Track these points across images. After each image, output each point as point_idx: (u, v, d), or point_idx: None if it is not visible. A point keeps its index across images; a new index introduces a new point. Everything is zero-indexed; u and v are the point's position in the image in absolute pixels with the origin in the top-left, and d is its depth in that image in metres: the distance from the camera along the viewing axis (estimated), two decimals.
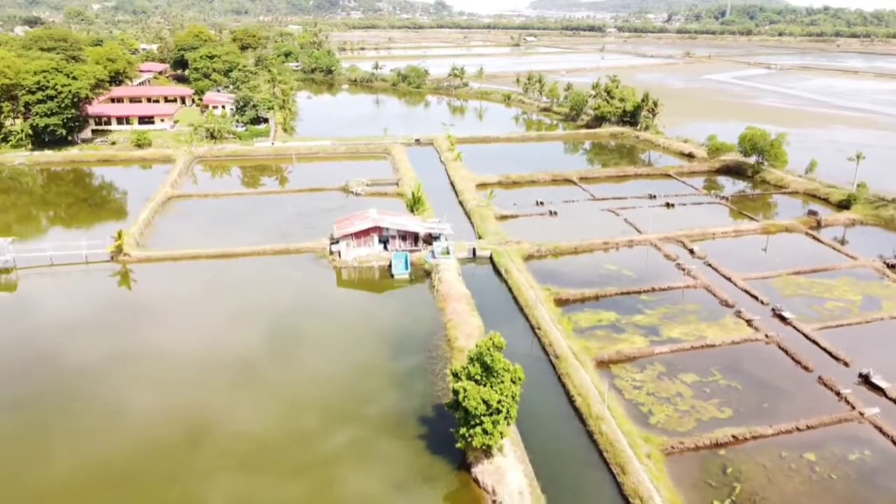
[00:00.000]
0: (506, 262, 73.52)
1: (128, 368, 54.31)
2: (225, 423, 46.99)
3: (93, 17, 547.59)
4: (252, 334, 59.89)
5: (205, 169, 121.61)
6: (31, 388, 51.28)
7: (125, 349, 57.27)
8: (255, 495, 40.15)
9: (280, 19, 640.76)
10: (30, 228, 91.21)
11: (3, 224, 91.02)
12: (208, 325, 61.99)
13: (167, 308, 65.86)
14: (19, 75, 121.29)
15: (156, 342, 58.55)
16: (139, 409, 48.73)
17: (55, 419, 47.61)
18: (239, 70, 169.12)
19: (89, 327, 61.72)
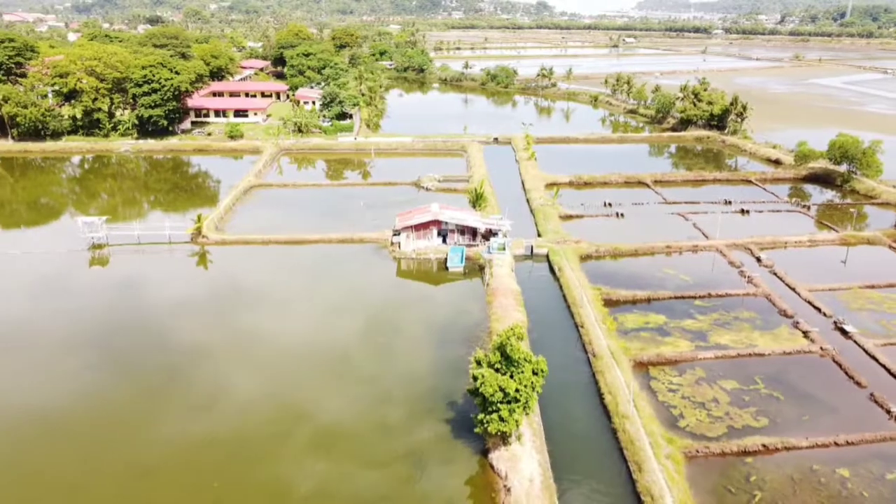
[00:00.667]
0: (560, 261, 73.90)
1: (192, 339, 58.93)
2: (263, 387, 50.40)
3: (208, 16, 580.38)
4: (306, 318, 63.33)
5: (291, 161, 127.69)
6: (128, 358, 56.65)
7: (196, 322, 62.08)
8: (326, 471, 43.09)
9: (382, 19, 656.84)
10: (126, 209, 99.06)
11: (110, 205, 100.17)
12: (262, 306, 65.91)
13: (237, 287, 70.54)
14: (129, 69, 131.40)
15: (222, 318, 63.09)
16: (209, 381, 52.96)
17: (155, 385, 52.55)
18: (330, 67, 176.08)
19: (170, 302, 67.03)
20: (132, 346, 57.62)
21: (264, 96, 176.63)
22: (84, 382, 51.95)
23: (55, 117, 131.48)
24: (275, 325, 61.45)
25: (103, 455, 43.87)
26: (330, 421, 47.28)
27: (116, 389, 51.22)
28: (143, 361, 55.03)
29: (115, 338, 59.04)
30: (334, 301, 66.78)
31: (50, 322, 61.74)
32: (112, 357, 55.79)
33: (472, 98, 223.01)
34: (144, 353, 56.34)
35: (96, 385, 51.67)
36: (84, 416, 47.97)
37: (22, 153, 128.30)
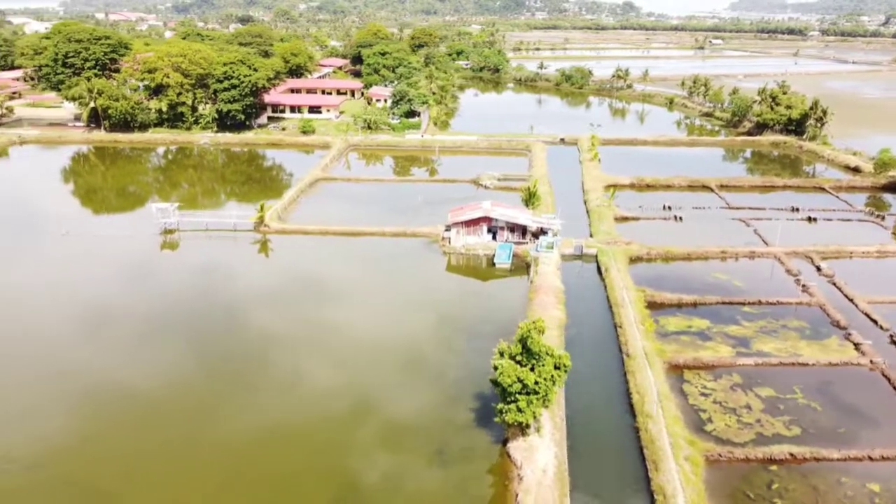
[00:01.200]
0: (607, 261, 73.71)
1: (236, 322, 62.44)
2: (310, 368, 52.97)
3: (297, 15, 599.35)
4: (354, 307, 65.88)
5: (359, 157, 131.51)
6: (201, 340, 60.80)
7: (256, 307, 65.73)
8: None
9: (465, 19, 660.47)
10: (201, 198, 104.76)
11: (188, 193, 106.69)
12: (316, 294, 68.83)
13: (293, 275, 74.06)
14: (212, 66, 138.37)
15: (280, 303, 66.50)
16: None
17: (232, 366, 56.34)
18: (404, 66, 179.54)
19: (234, 287, 71.13)
20: (201, 328, 61.26)
21: (339, 94, 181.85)
22: (165, 363, 54.73)
23: (143, 110, 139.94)
24: (325, 313, 64.25)
25: (181, 434, 45.90)
26: (366, 399, 49.36)
27: (195, 372, 53.68)
28: (215, 344, 58.25)
29: (182, 319, 63.18)
30: (382, 292, 69.08)
31: (126, 302, 66.41)
32: (185, 339, 59.51)
33: (545, 98, 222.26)
34: (214, 336, 59.84)
35: (176, 366, 54.32)
36: (166, 396, 50.00)
37: (112, 143, 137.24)
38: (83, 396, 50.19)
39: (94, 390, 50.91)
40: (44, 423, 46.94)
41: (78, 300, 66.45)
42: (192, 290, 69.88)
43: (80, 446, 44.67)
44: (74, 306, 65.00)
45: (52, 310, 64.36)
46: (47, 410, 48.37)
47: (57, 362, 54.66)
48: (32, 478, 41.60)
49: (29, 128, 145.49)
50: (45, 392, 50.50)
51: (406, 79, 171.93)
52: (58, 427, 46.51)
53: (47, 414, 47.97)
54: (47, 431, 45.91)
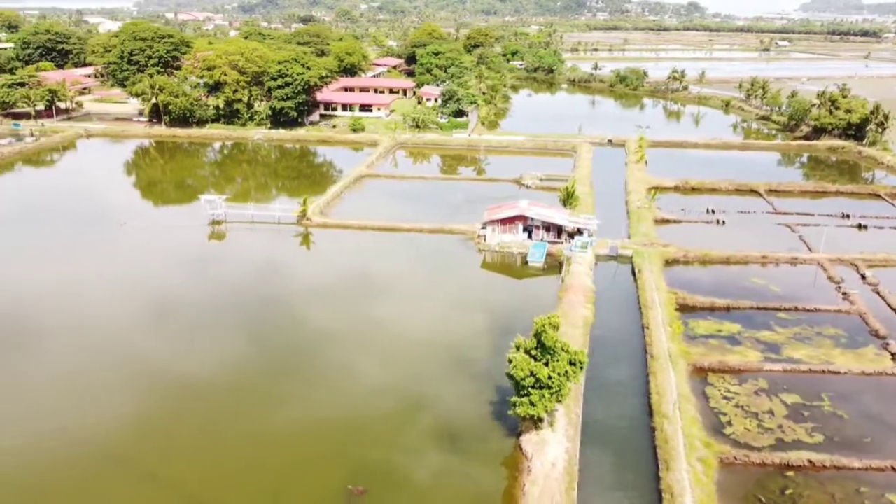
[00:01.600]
0: (641, 263, 73.33)
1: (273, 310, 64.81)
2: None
3: (357, 15, 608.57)
4: (383, 301, 67.51)
5: (407, 155, 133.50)
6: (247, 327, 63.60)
7: (284, 291, 68.18)
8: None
9: (524, 20, 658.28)
10: (250, 191, 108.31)
11: (240, 187, 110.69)
12: (344, 286, 70.75)
13: (332, 266, 76.45)
14: (267, 64, 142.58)
15: (316, 294, 68.78)
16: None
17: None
18: (455, 66, 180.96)
19: (268, 276, 73.84)
20: (240, 316, 63.67)
21: (392, 92, 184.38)
22: (207, 351, 57.17)
23: (201, 106, 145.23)
24: (358, 304, 66.07)
25: (230, 421, 47.38)
26: (391, 385, 50.83)
27: (237, 358, 55.49)
28: (253, 333, 60.50)
29: (221, 307, 66.06)
30: (414, 285, 70.61)
31: (169, 290, 69.73)
32: (224, 328, 62.23)
33: (599, 100, 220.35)
34: (253, 325, 62.25)
35: (219, 353, 56.39)
36: (220, 383, 51.93)
37: (171, 137, 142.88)
38: (135, 378, 52.81)
39: (146, 373, 53.66)
40: (97, 403, 49.51)
41: (127, 288, 69.80)
42: (235, 279, 72.72)
43: (126, 426, 46.89)
44: (124, 294, 68.25)
45: (103, 296, 67.93)
46: (102, 391, 51.08)
47: (111, 346, 57.90)
48: (77, 451, 44.10)
49: (97, 122, 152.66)
50: (101, 374, 53.37)
51: (457, 78, 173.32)
52: (108, 408, 48.99)
53: (100, 394, 50.68)
54: (98, 411, 48.41)
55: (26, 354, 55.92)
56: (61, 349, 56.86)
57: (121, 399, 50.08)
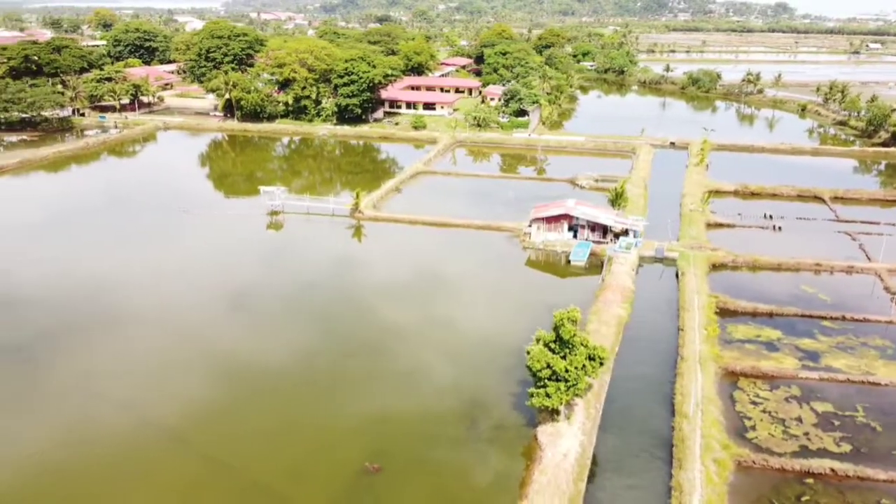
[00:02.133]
0: (685, 265, 72.53)
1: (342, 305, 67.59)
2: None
3: (434, 16, 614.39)
4: (424, 292, 69.41)
5: (467, 153, 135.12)
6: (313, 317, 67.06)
7: (346, 282, 71.05)
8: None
9: (602, 20, 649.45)
10: (309, 183, 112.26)
11: (302, 180, 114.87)
12: (390, 277, 72.95)
13: (378, 254, 79.05)
14: (334, 62, 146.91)
15: (363, 283, 71.48)
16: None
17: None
18: (521, 66, 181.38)
19: (318, 265, 77.04)
20: (283, 303, 66.92)
21: (457, 92, 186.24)
22: (267, 335, 60.10)
23: (271, 102, 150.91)
24: (399, 294, 68.29)
25: (300, 413, 48.92)
26: (421, 373, 52.61)
27: (285, 345, 58.08)
28: (295, 321, 63.36)
29: (268, 294, 69.48)
30: (455, 279, 72.18)
31: (220, 276, 73.79)
32: (268, 315, 65.65)
33: (669, 102, 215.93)
34: (293, 313, 65.30)
35: (294, 343, 58.36)
36: (291, 374, 53.63)
37: (242, 132, 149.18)
38: (202, 361, 56.22)
39: (210, 355, 57.30)
40: (165, 384, 51.84)
41: (189, 273, 74.12)
42: (286, 267, 76.21)
43: (190, 408, 48.90)
44: (186, 279, 72.29)
45: (162, 280, 72.43)
46: (170, 373, 53.54)
47: (172, 330, 61.97)
48: (142, 430, 46.30)
49: (175, 116, 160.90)
50: (168, 356, 56.47)
51: (523, 78, 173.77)
52: (175, 390, 51.27)
53: (169, 376, 53.12)
54: (166, 393, 50.71)
55: (96, 335, 60.32)
56: (127, 331, 60.87)
57: (187, 381, 52.40)
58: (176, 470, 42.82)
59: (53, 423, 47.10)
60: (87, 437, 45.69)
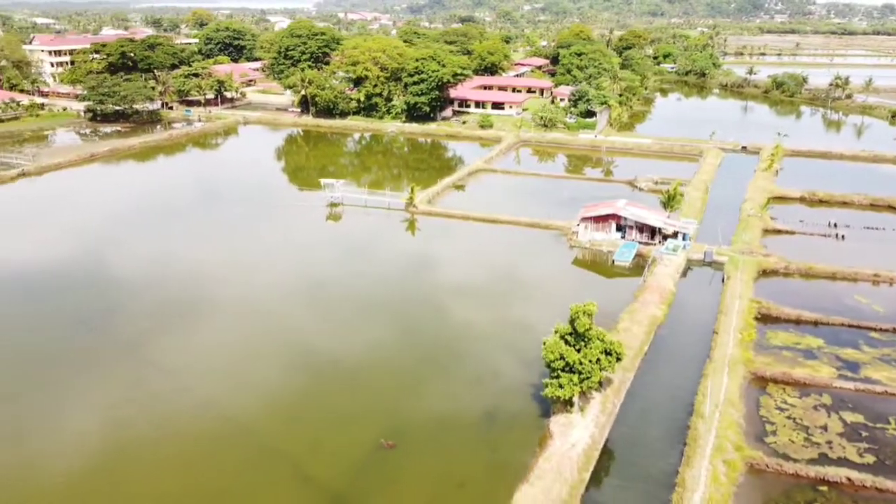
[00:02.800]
0: (731, 270, 71.30)
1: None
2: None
3: (518, 16, 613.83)
4: (465, 285, 71.21)
5: (532, 153, 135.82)
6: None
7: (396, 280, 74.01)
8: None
9: (692, 22, 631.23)
10: (369, 177, 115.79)
11: (367, 174, 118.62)
12: (440, 269, 75.04)
13: (430, 248, 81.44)
14: (406, 61, 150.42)
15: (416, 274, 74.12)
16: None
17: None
18: (594, 67, 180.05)
19: (370, 253, 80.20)
20: (337, 291, 69.91)
21: (529, 92, 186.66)
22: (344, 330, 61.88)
23: (344, 99, 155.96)
24: (440, 285, 70.40)
25: (367, 406, 49.75)
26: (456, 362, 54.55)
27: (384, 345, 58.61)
28: (350, 311, 66.04)
29: (320, 282, 72.98)
30: (497, 273, 73.67)
31: (274, 265, 77.92)
32: (326, 304, 68.86)
33: (751, 106, 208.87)
34: (349, 301, 68.12)
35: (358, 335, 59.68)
36: (358, 364, 54.97)
37: (315, 127, 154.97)
38: (266, 347, 59.61)
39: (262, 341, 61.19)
40: (235, 373, 53.32)
41: (247, 261, 78.28)
42: (341, 257, 79.67)
43: (258, 398, 50.20)
44: (242, 267, 76.05)
45: (220, 269, 77.10)
46: (237, 361, 55.32)
47: (240, 316, 66.27)
48: (207, 418, 47.76)
49: (255, 111, 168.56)
50: (236, 345, 59.60)
51: (595, 79, 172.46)
52: (244, 379, 52.61)
53: (237, 365, 54.84)
54: (234, 381, 52.09)
55: (169, 319, 65.13)
56: (205, 320, 63.78)
57: (253, 370, 53.87)
58: (228, 458, 44.00)
59: (143, 405, 49.38)
60: (145, 416, 49.15)
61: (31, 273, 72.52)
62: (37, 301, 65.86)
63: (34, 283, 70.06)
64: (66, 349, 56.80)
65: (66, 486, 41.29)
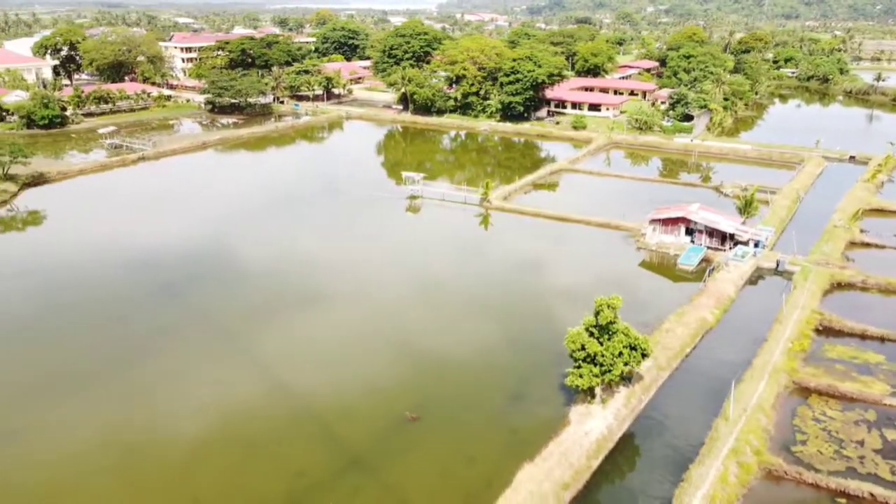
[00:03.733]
0: (799, 279, 68.77)
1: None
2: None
3: (638, 18, 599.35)
4: (514, 282, 72.89)
5: (625, 155, 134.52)
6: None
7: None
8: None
9: (829, 24, 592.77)
10: (453, 172, 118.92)
11: (457, 170, 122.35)
12: (503, 262, 77.06)
13: (498, 243, 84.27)
14: (502, 61, 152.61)
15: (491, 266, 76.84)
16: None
17: None
18: (699, 70, 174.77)
19: (445, 244, 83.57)
20: (410, 278, 73.33)
21: (631, 94, 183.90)
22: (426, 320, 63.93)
23: (442, 97, 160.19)
24: (495, 278, 72.62)
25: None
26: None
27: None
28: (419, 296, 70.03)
29: (395, 264, 77.10)
30: (556, 270, 74.86)
31: (354, 253, 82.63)
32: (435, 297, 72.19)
33: (878, 114, 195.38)
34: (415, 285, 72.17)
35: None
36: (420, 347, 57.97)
37: (412, 123, 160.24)
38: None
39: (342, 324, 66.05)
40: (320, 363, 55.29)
41: (331, 249, 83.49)
42: (414, 244, 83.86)
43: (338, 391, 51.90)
44: (324, 255, 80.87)
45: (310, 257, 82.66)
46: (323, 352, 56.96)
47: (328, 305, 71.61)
48: (285, 405, 49.62)
49: (358, 107, 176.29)
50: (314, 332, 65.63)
51: (699, 82, 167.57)
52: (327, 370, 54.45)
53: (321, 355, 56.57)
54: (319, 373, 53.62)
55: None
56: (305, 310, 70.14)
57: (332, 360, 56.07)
58: (285, 447, 45.26)
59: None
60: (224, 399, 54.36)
61: (131, 248, 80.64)
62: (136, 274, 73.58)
63: (133, 259, 77.48)
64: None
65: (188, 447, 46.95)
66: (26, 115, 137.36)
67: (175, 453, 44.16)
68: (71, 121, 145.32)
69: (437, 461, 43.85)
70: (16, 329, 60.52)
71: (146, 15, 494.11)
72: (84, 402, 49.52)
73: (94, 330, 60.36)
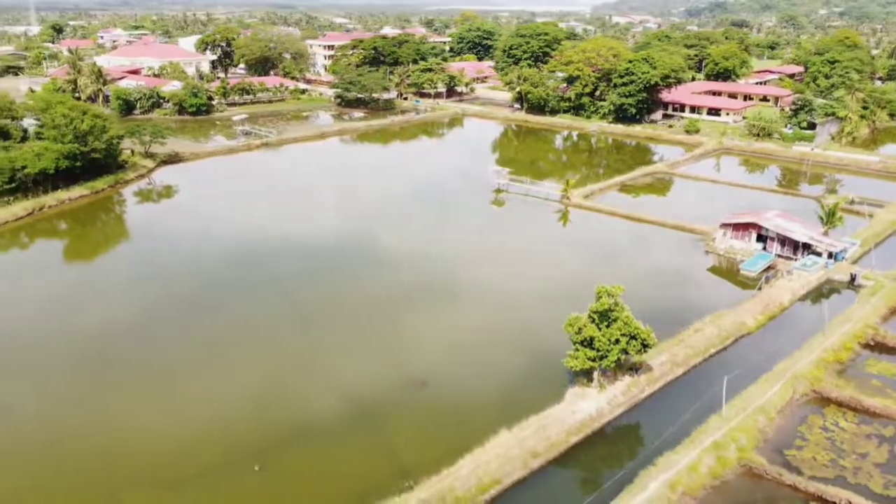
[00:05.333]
0: (865, 293, 65.27)
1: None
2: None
3: (805, 21, 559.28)
4: (587, 274, 74.60)
5: (735, 161, 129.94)
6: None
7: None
8: None
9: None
10: (549, 170, 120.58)
11: (554, 168, 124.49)
12: (571, 256, 79.03)
13: (573, 238, 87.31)
14: (618, 62, 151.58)
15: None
16: None
17: None
18: (839, 76, 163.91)
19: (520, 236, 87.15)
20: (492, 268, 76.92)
21: (763, 100, 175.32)
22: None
23: (555, 97, 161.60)
24: (563, 271, 74.92)
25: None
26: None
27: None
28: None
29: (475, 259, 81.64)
30: (619, 268, 74.97)
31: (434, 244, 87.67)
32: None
33: None
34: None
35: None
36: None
37: (524, 122, 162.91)
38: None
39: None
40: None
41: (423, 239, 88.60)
42: (497, 238, 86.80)
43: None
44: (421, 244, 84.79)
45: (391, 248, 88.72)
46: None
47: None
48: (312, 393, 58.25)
49: (481, 105, 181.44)
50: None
51: (836, 89, 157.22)
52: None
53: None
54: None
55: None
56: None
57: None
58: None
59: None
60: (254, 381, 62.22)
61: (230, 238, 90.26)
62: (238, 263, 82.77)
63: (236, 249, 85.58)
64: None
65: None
66: (178, 103, 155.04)
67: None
68: (216, 109, 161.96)
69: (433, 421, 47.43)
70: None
71: (307, 15, 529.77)
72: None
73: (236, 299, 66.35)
